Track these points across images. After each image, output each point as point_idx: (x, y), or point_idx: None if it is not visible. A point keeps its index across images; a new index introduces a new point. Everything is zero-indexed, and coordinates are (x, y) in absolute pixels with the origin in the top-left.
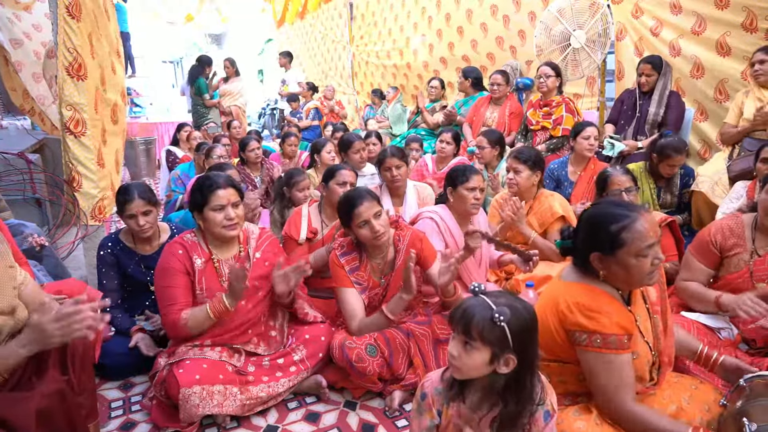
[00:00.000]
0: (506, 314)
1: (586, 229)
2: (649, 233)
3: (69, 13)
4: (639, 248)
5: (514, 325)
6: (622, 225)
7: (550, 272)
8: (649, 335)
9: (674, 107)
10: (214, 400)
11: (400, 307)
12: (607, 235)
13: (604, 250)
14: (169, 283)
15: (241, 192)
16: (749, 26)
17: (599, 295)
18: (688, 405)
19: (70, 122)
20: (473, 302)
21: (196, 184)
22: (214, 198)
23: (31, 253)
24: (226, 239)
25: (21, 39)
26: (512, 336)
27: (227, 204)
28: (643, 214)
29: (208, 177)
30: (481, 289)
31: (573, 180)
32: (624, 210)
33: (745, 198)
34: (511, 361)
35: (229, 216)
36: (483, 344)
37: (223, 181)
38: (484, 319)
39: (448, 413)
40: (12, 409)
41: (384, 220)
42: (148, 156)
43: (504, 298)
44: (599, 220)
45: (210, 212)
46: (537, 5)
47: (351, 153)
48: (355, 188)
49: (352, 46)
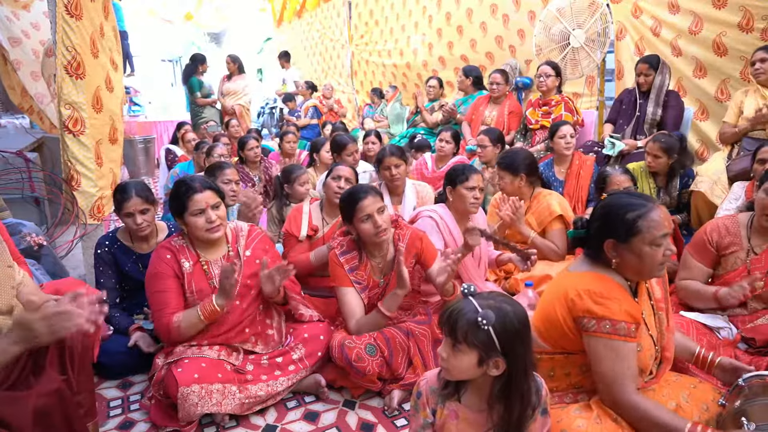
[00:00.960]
0: (490, 318)
1: (602, 217)
2: (663, 223)
3: (68, 12)
4: (654, 237)
5: (500, 328)
6: (639, 213)
7: (549, 272)
8: (653, 329)
9: (673, 107)
10: (213, 399)
11: (396, 303)
12: (623, 223)
13: (619, 238)
14: (160, 288)
15: (221, 193)
16: (745, 26)
17: (609, 283)
18: (687, 403)
19: (68, 121)
20: (461, 305)
21: (173, 191)
22: (191, 203)
23: (30, 252)
24: (212, 241)
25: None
26: (499, 339)
27: (206, 207)
28: (657, 205)
29: (183, 182)
30: (471, 291)
31: (561, 179)
32: (640, 200)
33: (743, 199)
34: (500, 364)
35: (209, 219)
36: (469, 347)
37: (198, 184)
38: (470, 322)
39: (443, 413)
40: (9, 408)
41: (386, 217)
42: (146, 155)
43: (493, 300)
44: (616, 209)
45: (191, 217)
46: (536, 4)
47: (344, 155)
48: (358, 184)
49: (352, 45)
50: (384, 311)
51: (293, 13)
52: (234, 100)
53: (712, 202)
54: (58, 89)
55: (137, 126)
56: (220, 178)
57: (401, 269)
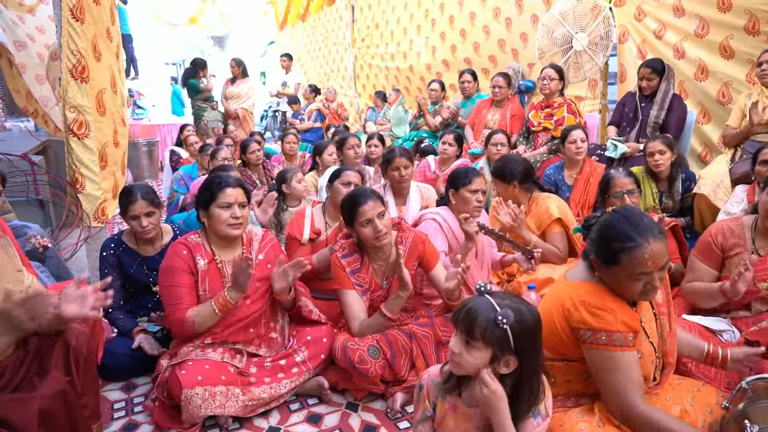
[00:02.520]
0: (510, 317)
1: (596, 232)
2: (647, 263)
3: (73, 16)
4: (632, 273)
5: (516, 327)
6: (624, 246)
7: (552, 275)
8: (654, 336)
9: (676, 110)
10: (216, 401)
11: (399, 305)
12: (607, 249)
13: (601, 260)
14: (174, 282)
15: (249, 195)
16: (752, 29)
17: (605, 294)
18: (692, 407)
19: (73, 124)
20: (478, 302)
21: (206, 182)
22: (222, 195)
23: (34, 254)
24: (230, 239)
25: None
26: (514, 338)
27: (234, 203)
28: (650, 241)
29: (218, 175)
30: (487, 289)
31: (570, 183)
32: (633, 231)
33: (746, 202)
34: (511, 362)
35: (235, 215)
36: (484, 344)
37: (233, 180)
38: (488, 320)
39: (443, 406)
40: (14, 410)
41: (387, 221)
42: (150, 158)
43: (509, 300)
44: (606, 232)
45: (216, 209)
46: (539, 8)
47: (345, 149)
48: (359, 187)
49: (354, 48)
50: (386, 313)
51: (297, 16)
52: (237, 103)
53: (714, 205)
54: (63, 92)
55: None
56: None
57: (402, 271)
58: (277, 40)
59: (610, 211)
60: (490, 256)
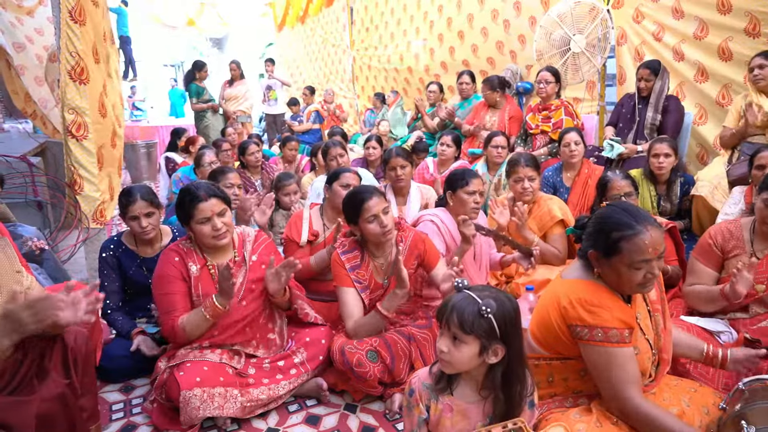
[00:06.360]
0: (492, 306)
1: (593, 225)
2: (647, 249)
3: (72, 18)
4: (633, 260)
5: (499, 315)
6: (623, 234)
7: (550, 276)
8: (649, 332)
9: (673, 111)
10: (215, 402)
11: (395, 303)
12: (607, 240)
13: (601, 252)
14: (167, 291)
15: (227, 199)
16: (752, 31)
17: (600, 291)
18: (689, 408)
19: (72, 126)
20: (459, 298)
21: (178, 200)
22: (197, 212)
23: (31, 257)
24: (219, 247)
25: (23, 43)
26: (498, 326)
27: (212, 215)
28: (649, 228)
29: (188, 191)
30: (464, 285)
31: (568, 186)
32: (631, 219)
33: (743, 203)
34: (499, 351)
35: (215, 227)
36: (472, 337)
37: (203, 193)
38: (473, 313)
39: (437, 408)
40: (13, 413)
41: (391, 217)
42: (149, 159)
43: (487, 291)
44: (604, 223)
45: (196, 225)
46: (537, 10)
47: (328, 160)
48: (362, 185)
49: (353, 50)
50: (382, 311)
51: (296, 18)
52: (235, 105)
53: (712, 207)
54: (62, 94)
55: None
56: (223, 182)
57: (400, 268)
58: (276, 42)
59: (604, 205)
60: (489, 256)
